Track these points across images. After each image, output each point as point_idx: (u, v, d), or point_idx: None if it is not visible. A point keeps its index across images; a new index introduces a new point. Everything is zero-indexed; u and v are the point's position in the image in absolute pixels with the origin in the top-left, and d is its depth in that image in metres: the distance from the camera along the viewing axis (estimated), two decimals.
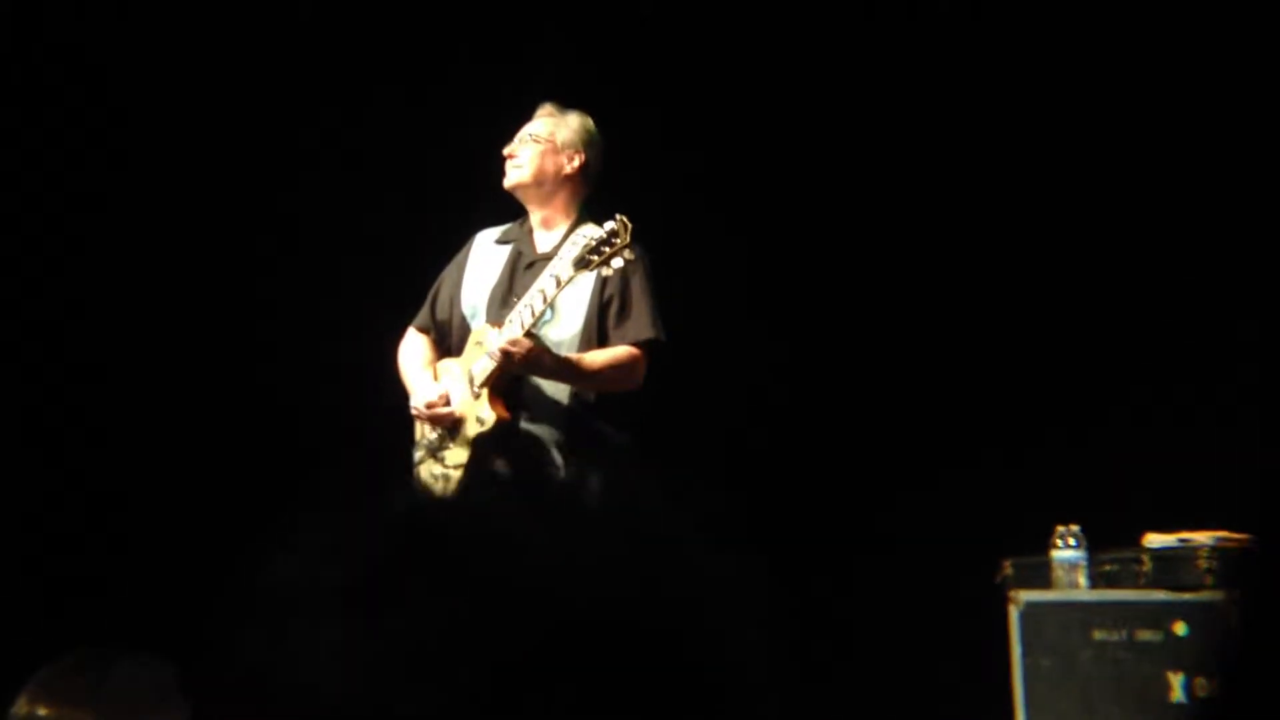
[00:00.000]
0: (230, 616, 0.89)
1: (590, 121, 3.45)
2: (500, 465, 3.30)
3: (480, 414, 3.27)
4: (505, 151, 3.42)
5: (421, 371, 3.45)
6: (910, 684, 4.06)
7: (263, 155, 4.42)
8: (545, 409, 3.30)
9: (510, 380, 3.27)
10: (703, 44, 4.41)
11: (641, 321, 3.30)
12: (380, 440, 3.51)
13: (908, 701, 4.03)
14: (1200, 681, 3.36)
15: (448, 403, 3.33)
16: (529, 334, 3.20)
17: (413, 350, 3.52)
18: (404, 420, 3.45)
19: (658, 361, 3.35)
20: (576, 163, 3.40)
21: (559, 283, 3.14)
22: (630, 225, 3.05)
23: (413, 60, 4.46)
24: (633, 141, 3.78)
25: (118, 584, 4.15)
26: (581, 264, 3.09)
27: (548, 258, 3.32)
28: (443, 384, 3.40)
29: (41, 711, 1.66)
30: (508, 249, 3.46)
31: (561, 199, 3.41)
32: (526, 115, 3.48)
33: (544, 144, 3.39)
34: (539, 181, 3.38)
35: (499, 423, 3.24)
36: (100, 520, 4.30)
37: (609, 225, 3.08)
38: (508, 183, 3.41)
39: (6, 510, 4.17)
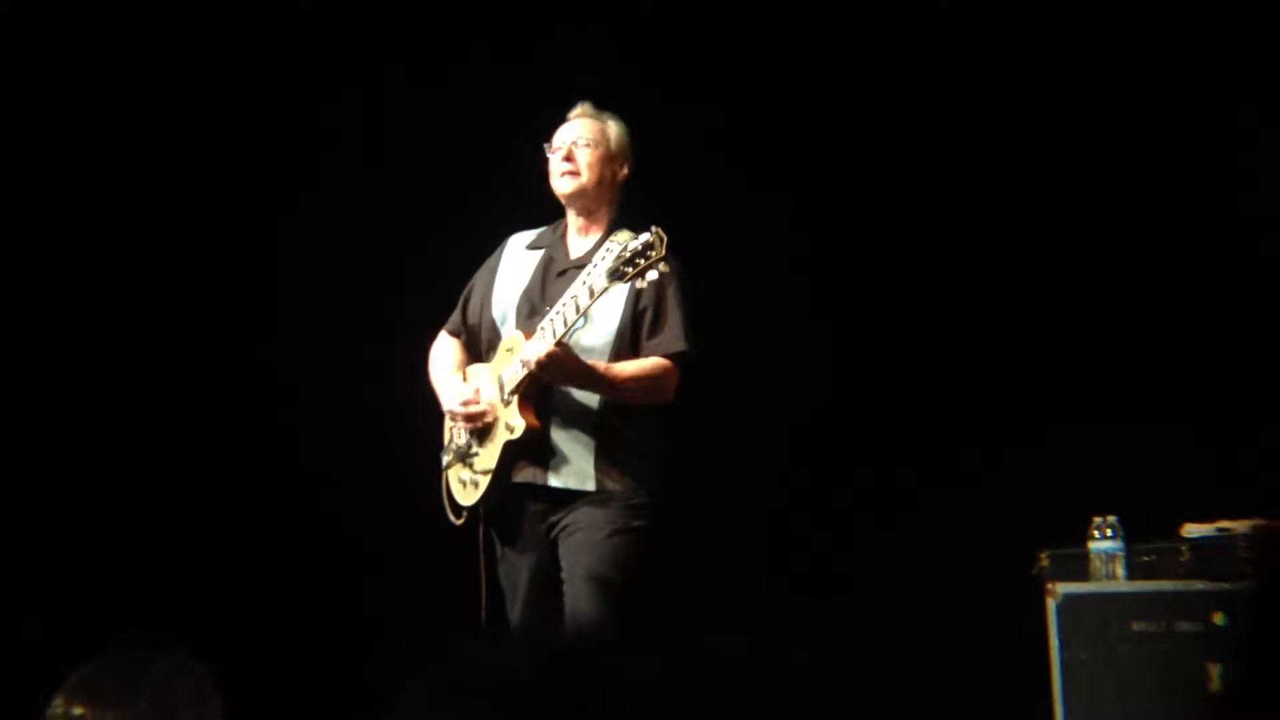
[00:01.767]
0: None
1: (624, 125, 3.43)
2: (530, 474, 3.28)
3: (510, 421, 3.25)
4: (558, 155, 3.36)
5: (451, 375, 3.44)
6: (949, 677, 4.06)
7: (288, 159, 4.43)
8: (576, 417, 3.26)
9: (541, 387, 3.25)
10: (727, 37, 4.43)
11: (675, 333, 3.27)
12: (412, 442, 3.51)
13: (947, 696, 4.02)
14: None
15: (478, 400, 3.31)
16: (560, 343, 3.17)
17: (443, 354, 3.51)
18: (433, 423, 3.45)
19: (690, 373, 3.32)
20: (625, 170, 3.40)
21: (593, 293, 3.10)
22: (666, 237, 3.01)
23: (438, 60, 4.47)
24: (666, 142, 3.79)
25: (153, 584, 4.18)
26: (616, 275, 3.05)
27: (580, 264, 3.29)
28: (472, 386, 3.40)
29: (78, 711, 1.70)
30: (539, 255, 3.44)
31: (607, 207, 3.40)
32: (557, 115, 3.44)
33: (602, 148, 3.36)
34: (598, 188, 3.36)
35: (528, 430, 3.22)
36: (132, 519, 4.31)
37: (645, 237, 3.03)
38: (567, 189, 3.36)
39: (41, 509, 4.19)
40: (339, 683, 4.19)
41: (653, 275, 3.04)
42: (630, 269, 3.02)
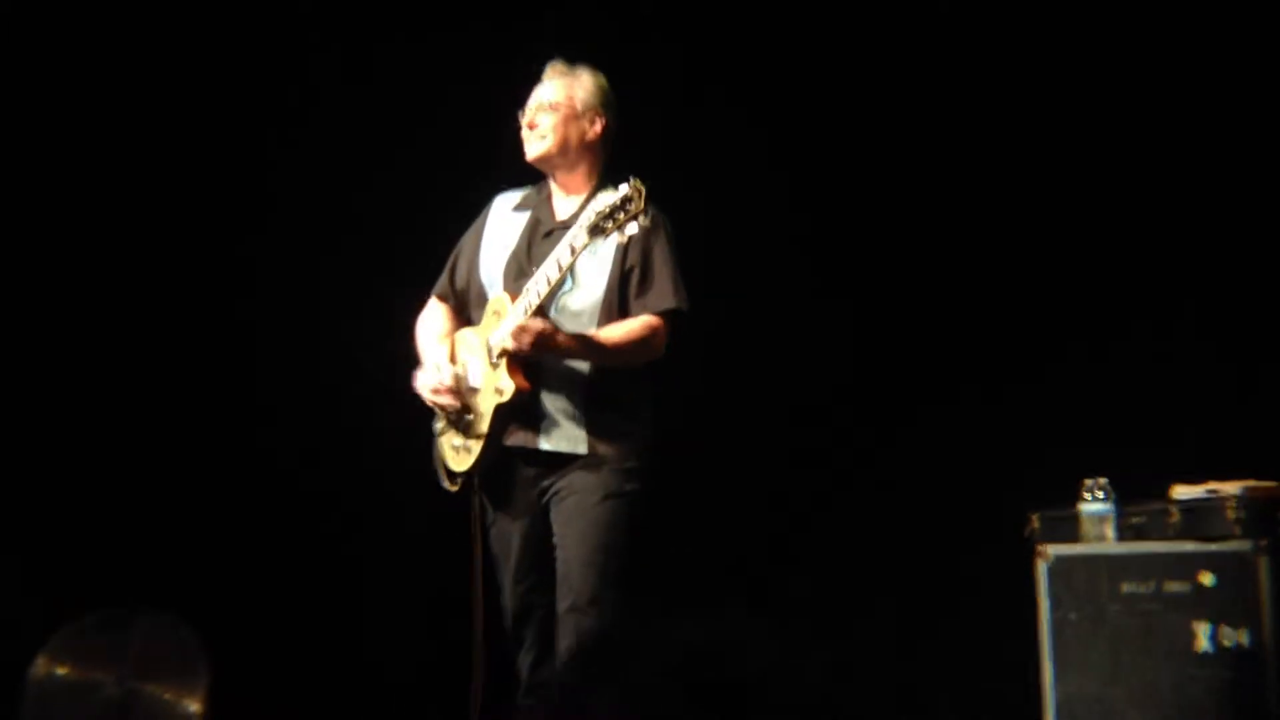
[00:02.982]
0: None
1: (603, 78, 3.38)
2: (521, 437, 3.27)
3: (499, 384, 3.22)
4: (524, 121, 3.35)
5: (436, 345, 3.41)
6: (941, 638, 4.08)
7: (269, 112, 4.39)
8: (566, 379, 3.24)
9: None
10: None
11: (664, 290, 3.25)
12: (403, 409, 3.50)
13: (938, 656, 4.05)
14: (1226, 630, 3.36)
15: (455, 389, 3.29)
16: (539, 311, 3.14)
17: (431, 320, 3.49)
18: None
19: (680, 330, 3.30)
20: (598, 126, 3.34)
21: (574, 250, 3.08)
22: (644, 189, 2.97)
23: (419, 19, 4.41)
24: (651, 97, 3.75)
25: (138, 547, 4.12)
26: (596, 231, 3.01)
27: (566, 225, 3.25)
28: (460, 357, 3.37)
29: (61, 672, 1.71)
30: (526, 216, 3.41)
31: (584, 165, 3.36)
32: (537, 73, 3.40)
33: (563, 110, 3.32)
34: (563, 151, 3.33)
35: (518, 392, 3.19)
36: (119, 495, 4.26)
37: (623, 189, 2.99)
38: (531, 155, 3.35)
39: (27, 474, 4.16)
40: (329, 654, 4.22)
41: (633, 228, 3.00)
42: (610, 223, 2.99)
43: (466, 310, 3.45)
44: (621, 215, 2.99)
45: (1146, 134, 4.16)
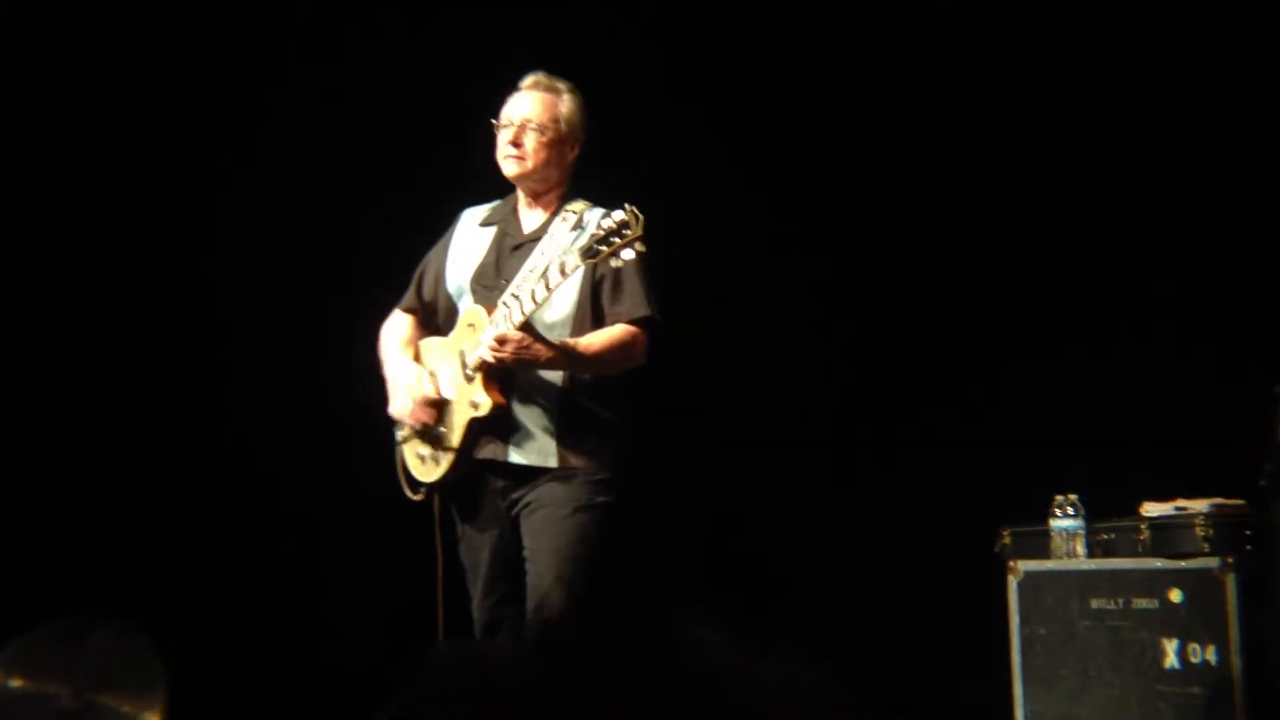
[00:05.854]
0: None
1: (580, 97, 3.36)
2: (491, 450, 3.24)
3: (475, 398, 3.19)
4: (507, 138, 3.31)
5: (401, 351, 3.38)
6: (911, 653, 4.08)
7: (237, 127, 4.35)
8: (539, 392, 3.22)
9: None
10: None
11: (637, 298, 3.23)
12: (364, 418, 3.48)
13: (908, 671, 4.04)
14: (1193, 647, 3.37)
15: (434, 402, 3.27)
16: (523, 325, 3.11)
17: (394, 329, 3.46)
18: (384, 398, 3.37)
19: (656, 339, 3.27)
20: (576, 151, 3.34)
21: (564, 271, 3.05)
22: (641, 216, 2.94)
23: (391, 26, 4.40)
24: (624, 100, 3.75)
25: (94, 556, 4.06)
26: (589, 254, 2.99)
27: (534, 238, 3.26)
28: (428, 365, 3.34)
29: (14, 684, 1.69)
30: (493, 230, 3.39)
31: (557, 183, 3.36)
32: (510, 81, 3.38)
33: (550, 133, 3.30)
34: (545, 171, 3.32)
35: (495, 407, 3.17)
36: (74, 492, 4.21)
37: (619, 215, 2.96)
38: (512, 174, 3.32)
39: None
40: (289, 665, 4.18)
41: (628, 254, 2.98)
42: (605, 247, 2.97)
43: (433, 323, 3.43)
44: (618, 240, 2.97)
45: (1124, 155, 4.18)
